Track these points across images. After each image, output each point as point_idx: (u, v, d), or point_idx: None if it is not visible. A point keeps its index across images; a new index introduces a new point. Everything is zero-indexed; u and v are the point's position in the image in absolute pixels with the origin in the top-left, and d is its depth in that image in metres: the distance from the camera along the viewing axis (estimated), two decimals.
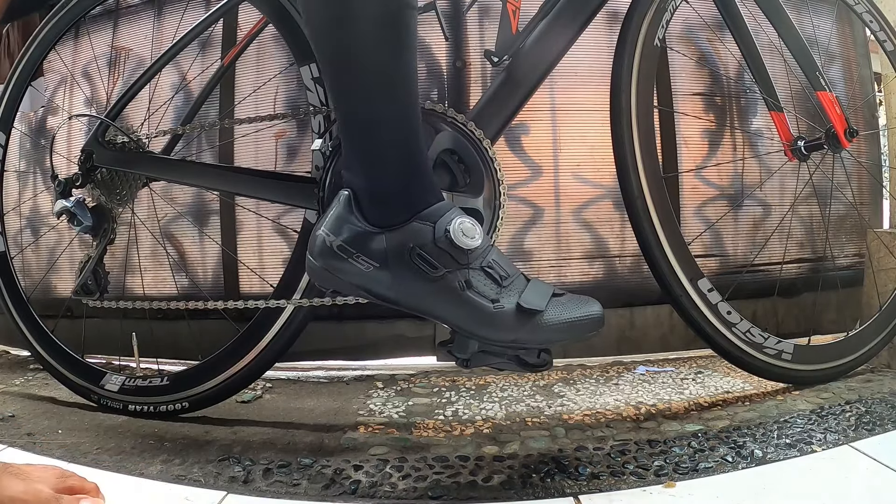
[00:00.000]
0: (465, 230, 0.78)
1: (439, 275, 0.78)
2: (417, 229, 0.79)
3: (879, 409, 1.02)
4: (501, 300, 0.78)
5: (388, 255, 0.79)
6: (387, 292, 0.81)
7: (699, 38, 1.53)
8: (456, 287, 0.78)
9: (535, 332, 0.79)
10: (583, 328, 0.80)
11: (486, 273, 0.79)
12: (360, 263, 0.80)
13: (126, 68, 1.61)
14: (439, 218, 0.79)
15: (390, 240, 0.79)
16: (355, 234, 0.80)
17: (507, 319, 0.78)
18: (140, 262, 1.51)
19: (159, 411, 1.14)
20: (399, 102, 0.78)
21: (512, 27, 1.00)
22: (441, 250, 0.78)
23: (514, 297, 0.79)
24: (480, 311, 0.78)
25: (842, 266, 1.60)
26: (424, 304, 0.80)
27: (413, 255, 0.78)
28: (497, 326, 0.78)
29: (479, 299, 0.78)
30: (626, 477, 0.83)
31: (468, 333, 0.80)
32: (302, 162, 1.47)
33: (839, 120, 1.18)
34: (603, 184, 1.48)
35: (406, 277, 0.79)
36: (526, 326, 0.78)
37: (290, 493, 0.83)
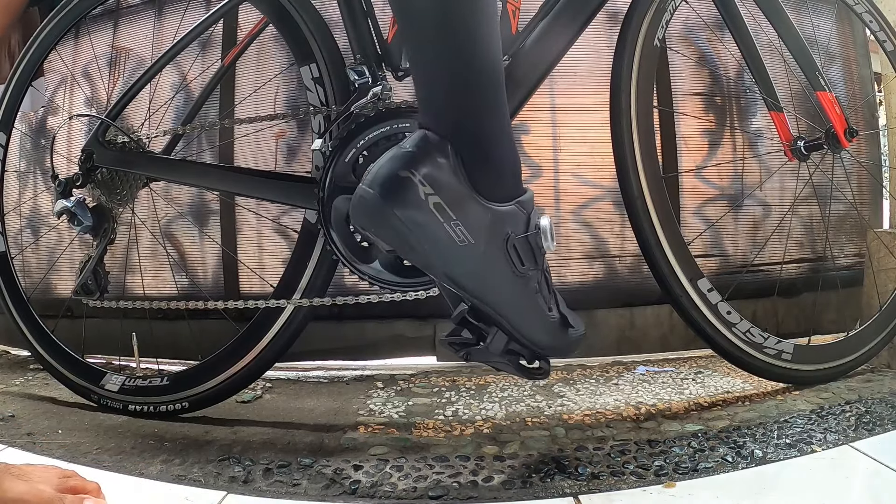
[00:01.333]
0: (551, 230, 0.73)
1: (524, 272, 0.71)
2: (515, 215, 0.71)
3: (879, 409, 1.02)
4: (552, 308, 0.76)
5: (484, 234, 0.69)
6: (463, 276, 0.71)
7: (699, 38, 1.53)
8: (534, 288, 0.73)
9: (566, 343, 0.78)
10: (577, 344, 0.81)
11: (546, 279, 0.75)
12: (453, 230, 0.68)
13: (126, 68, 1.61)
14: (532, 210, 0.72)
15: (491, 217, 0.69)
16: (460, 196, 0.68)
17: (556, 328, 0.77)
18: (140, 262, 1.51)
19: (159, 411, 1.14)
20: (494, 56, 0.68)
21: (512, 27, 1.00)
22: (528, 245, 0.71)
23: (556, 308, 0.77)
24: (543, 317, 0.75)
25: (842, 266, 1.60)
26: (499, 298, 0.73)
27: (509, 243, 0.70)
28: (551, 334, 0.76)
29: (543, 305, 0.75)
30: (626, 477, 0.83)
31: (521, 336, 0.75)
32: (302, 162, 1.47)
33: (839, 120, 1.18)
34: (603, 184, 1.48)
35: (494, 265, 0.70)
36: (562, 336, 0.77)
37: (290, 493, 0.83)
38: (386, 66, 1.02)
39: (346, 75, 1.02)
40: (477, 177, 0.69)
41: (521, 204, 0.71)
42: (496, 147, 0.70)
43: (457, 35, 0.66)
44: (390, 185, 0.68)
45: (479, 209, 0.69)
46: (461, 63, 0.67)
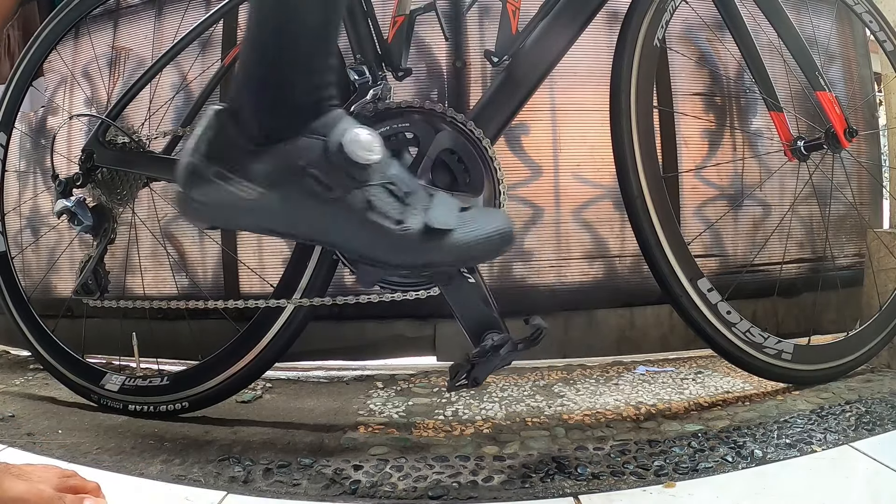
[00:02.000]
0: (362, 142, 0.67)
1: (336, 196, 0.68)
2: (307, 144, 0.67)
3: (879, 409, 1.02)
4: (407, 220, 0.69)
5: (275, 177, 0.67)
6: (275, 222, 0.70)
7: (699, 38, 1.53)
8: (356, 209, 0.68)
9: (448, 253, 0.70)
10: (496, 244, 0.73)
11: (388, 191, 0.69)
12: (241, 189, 0.67)
13: (126, 68, 1.61)
14: (331, 130, 0.68)
15: (276, 157, 0.67)
16: (234, 153, 0.67)
17: (415, 241, 0.69)
18: (140, 261, 1.51)
19: (159, 411, 1.14)
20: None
21: (512, 27, 1.00)
22: (336, 167, 0.67)
23: (420, 215, 0.70)
24: (386, 234, 0.69)
25: (842, 266, 1.60)
26: (321, 231, 0.71)
27: (304, 174, 0.67)
28: (405, 250, 0.70)
29: (383, 221, 0.68)
30: (626, 477, 0.83)
31: (373, 261, 0.72)
32: None
33: (839, 120, 1.18)
34: (603, 184, 1.48)
35: (297, 202, 0.68)
36: (437, 247, 0.70)
37: (290, 493, 0.83)
38: (386, 66, 1.02)
39: (346, 75, 1.02)
40: (247, 126, 0.68)
41: (313, 130, 0.68)
42: (260, 88, 0.68)
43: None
44: (180, 176, 0.69)
45: (258, 156, 0.68)
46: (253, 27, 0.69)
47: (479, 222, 0.73)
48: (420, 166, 0.94)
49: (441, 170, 0.96)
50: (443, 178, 0.96)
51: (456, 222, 0.71)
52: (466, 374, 0.83)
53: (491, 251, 0.74)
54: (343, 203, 0.68)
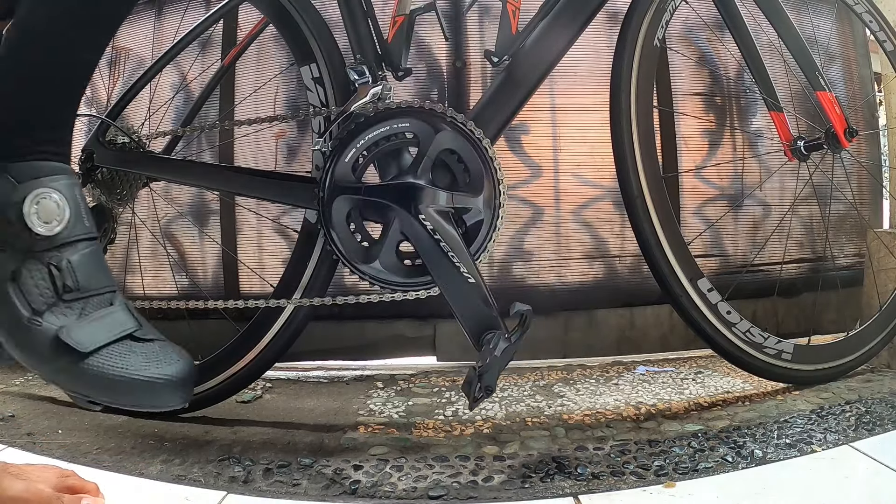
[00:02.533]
0: (42, 207, 0.58)
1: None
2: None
3: (879, 409, 1.02)
4: (46, 317, 0.58)
5: None
6: None
7: (699, 38, 1.53)
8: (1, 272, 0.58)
9: (69, 377, 0.59)
10: (139, 392, 0.62)
11: (48, 272, 0.59)
12: None
13: (126, 68, 1.61)
14: (29, 179, 0.59)
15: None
16: None
17: (38, 343, 0.58)
18: (140, 261, 1.51)
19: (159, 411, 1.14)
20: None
21: (512, 27, 1.00)
22: (5, 220, 0.58)
23: (67, 320, 0.59)
24: (9, 315, 0.58)
25: (842, 266, 1.61)
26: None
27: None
28: (20, 347, 0.59)
29: (18, 300, 0.58)
30: (626, 477, 0.83)
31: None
32: (302, 162, 1.47)
33: (839, 120, 1.18)
34: (603, 184, 1.48)
35: None
36: (58, 363, 0.59)
37: (290, 493, 0.83)
38: (386, 66, 1.02)
39: (346, 75, 1.02)
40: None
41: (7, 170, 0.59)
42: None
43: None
44: None
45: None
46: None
47: (132, 360, 0.61)
48: (420, 166, 0.94)
49: (441, 170, 0.96)
50: (443, 178, 0.96)
51: (95, 347, 0.59)
52: (479, 386, 0.83)
53: (127, 396, 0.62)
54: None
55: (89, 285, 0.61)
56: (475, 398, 0.84)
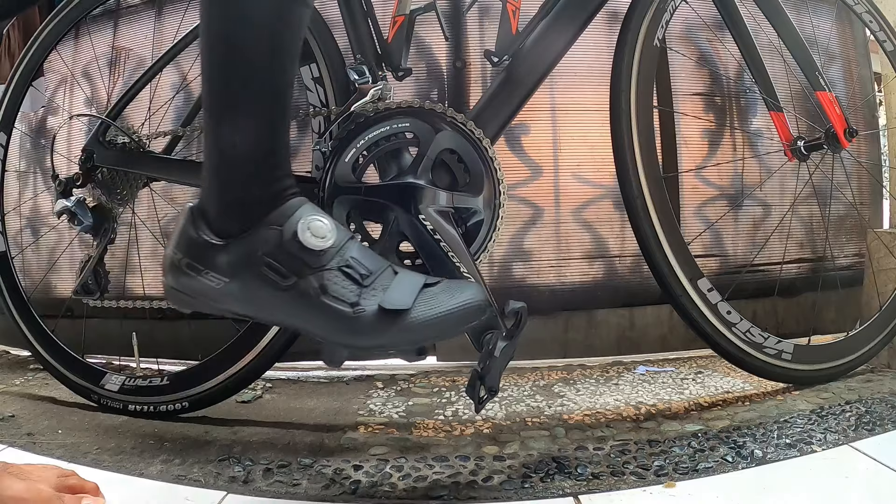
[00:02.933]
0: (313, 229, 0.71)
1: (290, 283, 0.70)
2: (265, 235, 0.71)
3: (879, 409, 1.02)
4: (362, 302, 0.70)
5: (236, 268, 0.72)
6: (241, 307, 0.74)
7: (699, 38, 1.53)
8: (310, 294, 0.70)
9: (403, 334, 0.71)
10: (459, 319, 0.72)
11: (344, 274, 0.71)
12: (209, 280, 0.72)
13: (126, 68, 1.61)
14: (287, 220, 0.71)
15: (236, 250, 0.72)
16: (202, 247, 0.72)
17: (369, 323, 0.70)
18: (140, 261, 1.51)
19: (159, 411, 1.14)
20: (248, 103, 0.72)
21: (512, 27, 1.00)
22: (291, 255, 0.70)
23: (378, 296, 0.71)
24: (340, 318, 0.70)
25: (842, 266, 1.61)
26: (280, 316, 0.74)
27: (261, 263, 0.71)
28: (359, 333, 0.71)
29: (337, 305, 0.70)
30: (626, 477, 0.83)
31: (332, 343, 0.73)
32: (302, 162, 1.47)
33: (839, 120, 1.18)
34: (603, 184, 1.48)
35: (257, 290, 0.72)
36: (391, 329, 0.70)
37: (290, 493, 0.83)
38: (386, 66, 1.02)
39: (346, 75, 1.02)
40: (213, 223, 0.73)
41: (270, 222, 0.72)
42: (219, 192, 0.74)
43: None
44: (164, 266, 0.76)
45: (221, 250, 0.72)
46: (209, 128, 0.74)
47: (439, 299, 0.72)
48: (420, 166, 0.94)
49: (441, 170, 0.96)
50: (443, 178, 0.96)
51: (412, 301, 0.71)
52: (482, 387, 0.83)
53: (452, 327, 0.73)
54: (297, 289, 0.71)
55: (376, 266, 0.73)
56: (480, 400, 0.84)
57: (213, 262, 0.72)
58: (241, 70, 0.71)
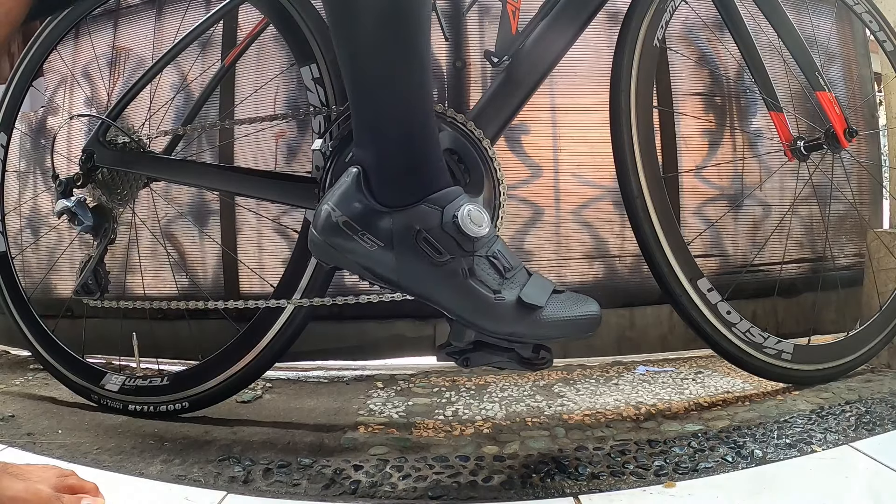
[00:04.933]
0: (473, 217, 0.77)
1: (443, 260, 0.77)
2: (425, 212, 0.77)
3: (879, 409, 1.02)
4: (503, 291, 0.78)
5: (394, 236, 0.78)
6: (389, 274, 0.80)
7: (699, 38, 1.53)
8: (459, 273, 0.77)
9: (534, 327, 0.78)
10: (581, 327, 0.80)
11: (490, 263, 0.78)
12: (364, 242, 0.78)
13: (126, 68, 1.61)
14: (448, 203, 0.78)
15: (397, 220, 0.78)
16: (362, 211, 0.78)
17: (506, 311, 0.77)
18: (140, 262, 1.51)
19: (159, 411, 1.14)
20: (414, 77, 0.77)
21: (512, 27, 1.00)
22: (447, 235, 0.77)
23: (516, 289, 0.78)
24: (481, 301, 0.77)
25: (842, 266, 1.60)
26: (426, 288, 0.79)
27: (419, 238, 0.77)
28: (496, 317, 0.78)
29: (481, 288, 0.77)
30: (626, 477, 0.83)
31: (466, 322, 0.80)
32: (302, 162, 1.47)
33: (839, 120, 1.18)
34: (603, 184, 1.48)
35: (410, 260, 0.78)
36: (525, 320, 0.78)
37: (290, 493, 0.83)
38: None
39: None
40: (376, 191, 0.79)
41: (432, 201, 0.78)
42: (389, 164, 0.79)
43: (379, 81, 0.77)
44: (317, 220, 0.81)
45: (382, 217, 0.78)
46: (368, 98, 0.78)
47: (567, 305, 0.80)
48: None
49: None
50: None
51: (545, 301, 0.78)
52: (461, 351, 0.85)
53: (574, 332, 0.80)
54: (449, 267, 0.78)
55: (514, 263, 0.80)
56: (448, 349, 0.87)
57: (373, 227, 0.78)
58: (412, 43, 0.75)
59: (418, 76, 0.78)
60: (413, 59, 0.76)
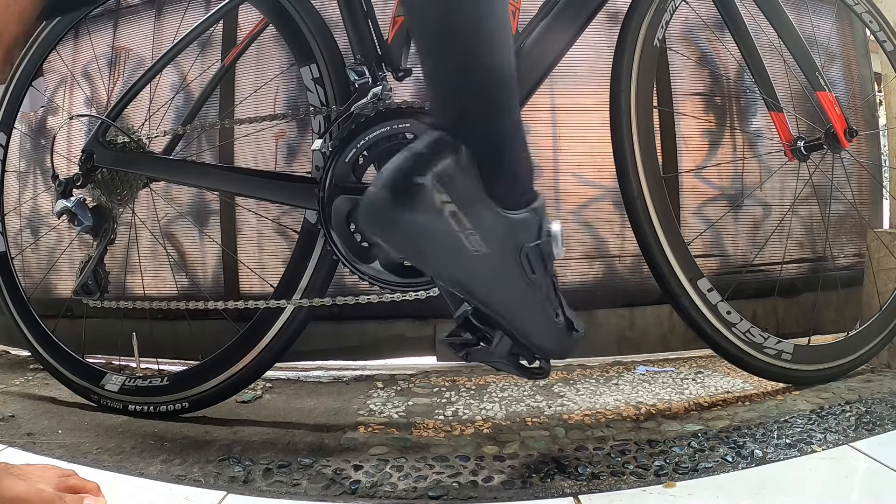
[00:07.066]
0: (559, 237, 0.72)
1: (533, 279, 0.70)
2: (529, 222, 0.69)
3: (879, 409, 1.02)
4: (558, 314, 0.76)
5: (501, 244, 0.68)
6: (475, 283, 0.69)
7: (699, 38, 1.53)
8: (541, 294, 0.72)
9: (571, 346, 0.78)
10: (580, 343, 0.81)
11: (553, 285, 0.75)
12: (469, 241, 0.66)
13: (126, 68, 1.61)
14: (543, 216, 0.71)
15: (509, 226, 0.68)
16: (476, 204, 0.65)
17: (561, 333, 0.76)
18: (140, 262, 1.51)
19: (159, 411, 1.14)
20: (506, 59, 0.66)
21: (512, 27, 1.00)
22: (540, 253, 0.71)
23: (560, 313, 0.77)
24: (551, 324, 0.75)
25: (842, 266, 1.60)
26: (509, 307, 0.72)
27: (523, 252, 0.69)
28: (557, 339, 0.77)
29: (550, 311, 0.74)
30: (626, 477, 0.83)
31: (531, 343, 0.76)
32: (302, 162, 1.47)
33: (839, 120, 1.18)
34: (603, 184, 1.48)
35: (508, 275, 0.69)
36: (571, 340, 0.77)
37: (290, 493, 0.83)
38: (386, 67, 1.02)
39: (346, 75, 1.02)
40: (492, 183, 0.66)
41: (535, 211, 0.70)
42: (511, 152, 0.69)
43: (467, 32, 0.64)
44: (404, 190, 0.64)
45: (495, 217, 0.67)
46: (472, 60, 0.64)
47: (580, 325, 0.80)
48: None
49: None
50: None
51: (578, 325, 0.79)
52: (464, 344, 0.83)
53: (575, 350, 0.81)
54: (535, 287, 0.72)
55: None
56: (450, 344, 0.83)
57: (482, 226, 0.66)
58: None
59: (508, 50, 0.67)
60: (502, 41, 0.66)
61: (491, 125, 0.67)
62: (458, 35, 0.63)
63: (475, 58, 0.64)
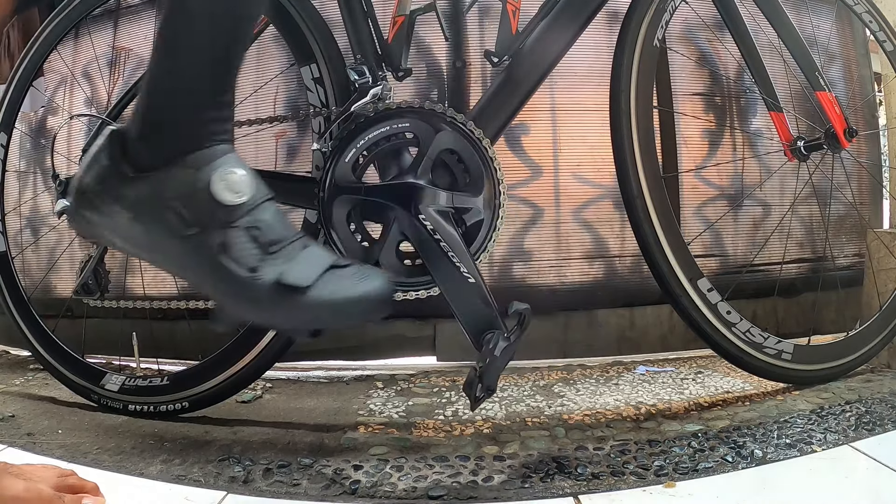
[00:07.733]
0: (228, 182, 0.65)
1: (191, 233, 0.65)
2: (177, 176, 0.65)
3: (879, 409, 1.02)
4: (261, 269, 0.64)
5: (141, 205, 0.66)
6: (139, 249, 0.69)
7: (699, 38, 1.53)
8: (211, 249, 0.65)
9: (295, 312, 0.65)
10: (357, 311, 0.67)
11: (251, 236, 0.65)
12: (112, 213, 0.66)
13: (126, 68, 1.61)
14: (206, 165, 0.66)
15: (148, 186, 0.65)
16: (110, 176, 0.66)
17: (261, 294, 0.64)
18: (140, 261, 1.51)
19: (159, 411, 1.14)
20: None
21: (512, 27, 1.00)
22: (199, 204, 0.65)
23: (280, 267, 0.65)
24: (234, 282, 0.65)
25: (842, 266, 1.60)
26: (177, 265, 0.68)
27: (167, 206, 0.65)
28: (251, 302, 0.65)
29: (234, 266, 0.64)
30: (626, 477, 0.83)
31: (220, 306, 0.69)
32: (302, 162, 1.47)
33: (838, 120, 1.18)
34: (603, 184, 1.48)
35: (158, 233, 0.66)
36: (284, 305, 0.65)
37: (290, 493, 0.83)
38: (386, 66, 1.02)
39: (346, 75, 1.02)
40: (131, 150, 0.67)
41: (188, 163, 0.65)
42: (146, 111, 0.68)
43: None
44: (73, 192, 0.70)
45: (130, 183, 0.66)
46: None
47: (343, 284, 0.66)
48: (420, 166, 0.94)
49: (441, 170, 0.96)
50: (443, 178, 0.96)
51: (314, 280, 0.65)
52: (480, 386, 0.83)
53: (350, 316, 0.68)
54: (197, 241, 0.65)
55: (286, 235, 0.67)
56: (476, 398, 0.84)
57: (119, 195, 0.66)
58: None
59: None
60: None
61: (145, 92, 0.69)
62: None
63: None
